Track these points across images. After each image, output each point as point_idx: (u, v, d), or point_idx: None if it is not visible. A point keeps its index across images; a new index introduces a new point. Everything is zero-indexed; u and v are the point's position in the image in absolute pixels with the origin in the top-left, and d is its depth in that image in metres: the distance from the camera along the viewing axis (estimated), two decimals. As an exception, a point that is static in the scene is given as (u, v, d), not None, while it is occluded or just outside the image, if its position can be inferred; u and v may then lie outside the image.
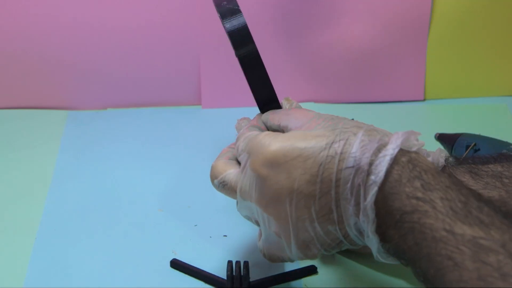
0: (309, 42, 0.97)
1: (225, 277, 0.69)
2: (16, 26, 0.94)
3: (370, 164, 0.56)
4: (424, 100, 1.01)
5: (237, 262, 0.69)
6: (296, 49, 0.98)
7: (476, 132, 0.87)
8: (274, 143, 0.60)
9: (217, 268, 0.72)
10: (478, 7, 0.96)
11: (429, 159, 0.64)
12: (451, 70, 1.00)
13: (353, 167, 0.56)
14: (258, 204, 0.61)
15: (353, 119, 0.62)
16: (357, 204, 0.57)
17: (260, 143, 0.61)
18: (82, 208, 0.81)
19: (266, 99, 0.68)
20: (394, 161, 0.55)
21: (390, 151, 0.56)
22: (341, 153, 0.57)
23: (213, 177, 0.67)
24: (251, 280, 0.70)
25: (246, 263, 0.69)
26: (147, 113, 0.99)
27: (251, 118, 0.72)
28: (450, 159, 0.67)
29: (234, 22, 0.67)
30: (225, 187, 0.66)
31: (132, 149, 0.92)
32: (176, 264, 0.73)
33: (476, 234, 0.50)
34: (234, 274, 0.68)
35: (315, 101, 0.99)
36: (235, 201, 0.83)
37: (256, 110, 0.73)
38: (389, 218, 0.55)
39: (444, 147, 0.88)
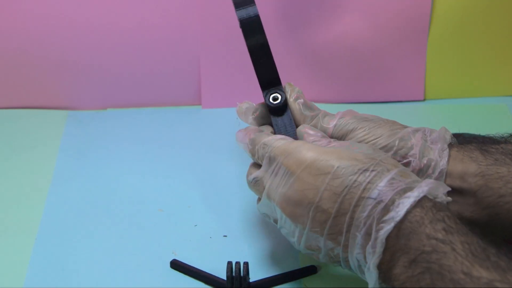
0: (309, 42, 0.97)
1: (225, 278, 0.69)
2: (16, 26, 0.95)
3: (393, 201, 0.57)
4: (424, 100, 1.01)
5: (237, 263, 0.69)
6: (296, 49, 0.98)
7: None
8: (311, 153, 0.62)
9: (217, 268, 0.72)
10: (478, 7, 0.97)
11: (435, 135, 0.64)
12: (451, 70, 1.00)
13: (375, 199, 0.58)
14: (280, 204, 0.64)
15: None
16: (367, 235, 0.58)
17: (297, 149, 0.63)
18: (82, 208, 0.82)
19: (271, 80, 0.73)
20: (418, 204, 0.57)
21: (415, 193, 0.57)
22: (368, 182, 0.59)
23: (248, 174, 0.69)
24: (250, 280, 0.70)
25: (246, 263, 0.69)
26: (147, 113, 0.99)
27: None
28: (455, 139, 0.68)
29: (246, 11, 0.72)
30: (256, 183, 0.68)
31: (132, 149, 0.92)
32: (176, 265, 0.73)
33: (492, 277, 0.50)
34: (234, 274, 0.69)
35: (315, 101, 0.99)
36: (234, 202, 0.83)
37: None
38: (401, 257, 0.56)
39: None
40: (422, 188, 0.58)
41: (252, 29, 0.72)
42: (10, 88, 0.98)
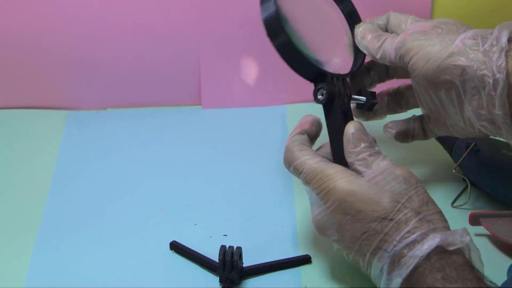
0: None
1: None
2: (16, 26, 0.95)
3: (403, 256, 0.61)
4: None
5: (230, 247, 0.71)
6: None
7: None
8: (340, 189, 0.66)
9: (216, 267, 0.73)
10: (478, 7, 0.97)
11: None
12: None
13: (388, 252, 0.63)
14: (312, 220, 0.69)
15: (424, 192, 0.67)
16: (386, 280, 0.63)
17: (329, 180, 0.66)
18: (83, 208, 0.83)
19: (313, 77, 0.73)
20: (425, 257, 0.61)
21: (425, 247, 0.61)
22: (385, 233, 0.63)
23: (288, 161, 0.71)
24: (244, 266, 0.71)
25: (238, 248, 0.71)
26: (147, 113, 0.99)
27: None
28: None
29: (267, 10, 0.71)
30: (301, 176, 0.70)
31: (132, 149, 0.93)
32: (175, 246, 0.75)
33: None
34: (226, 258, 0.70)
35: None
36: (233, 200, 0.84)
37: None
38: None
39: (444, 147, 0.88)
40: (432, 241, 0.61)
41: (273, 28, 0.71)
42: (10, 88, 0.99)
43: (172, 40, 0.97)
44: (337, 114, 0.72)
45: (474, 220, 0.76)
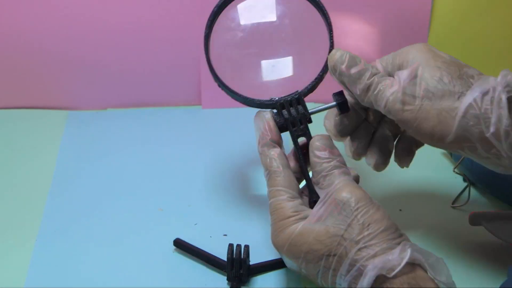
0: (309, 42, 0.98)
1: (225, 260, 0.72)
2: (16, 26, 0.95)
3: None
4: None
5: (238, 246, 0.71)
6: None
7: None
8: (287, 235, 0.66)
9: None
10: (478, 8, 0.98)
11: None
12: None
13: (341, 286, 0.64)
14: None
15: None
16: None
17: (284, 226, 0.67)
18: (83, 208, 0.83)
19: (263, 108, 0.75)
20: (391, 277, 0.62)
21: (366, 283, 0.62)
22: (333, 269, 0.64)
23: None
24: (251, 263, 0.71)
25: (246, 246, 0.72)
26: (147, 113, 1.00)
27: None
28: None
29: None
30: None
31: (132, 149, 0.93)
32: (180, 244, 0.75)
33: None
34: (234, 257, 0.70)
35: (315, 101, 1.00)
36: (233, 200, 0.84)
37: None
38: None
39: (444, 147, 0.88)
40: (371, 272, 0.62)
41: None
42: (10, 88, 0.99)
43: (172, 40, 0.97)
44: (294, 141, 0.72)
45: (474, 220, 0.76)
